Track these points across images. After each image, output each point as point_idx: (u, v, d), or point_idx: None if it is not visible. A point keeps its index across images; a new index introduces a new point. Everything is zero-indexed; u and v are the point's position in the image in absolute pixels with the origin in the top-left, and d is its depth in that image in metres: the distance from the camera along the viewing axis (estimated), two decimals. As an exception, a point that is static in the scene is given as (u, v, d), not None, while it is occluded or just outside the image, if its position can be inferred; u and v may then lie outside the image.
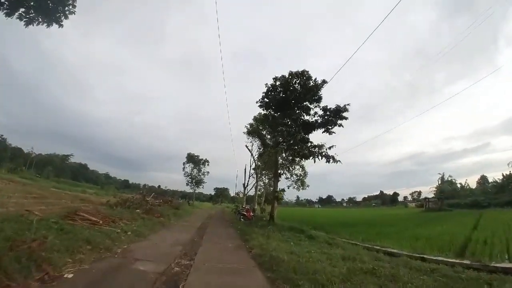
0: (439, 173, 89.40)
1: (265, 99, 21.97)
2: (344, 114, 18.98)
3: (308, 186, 30.05)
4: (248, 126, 30.93)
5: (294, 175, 29.06)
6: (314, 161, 19.00)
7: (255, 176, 37.29)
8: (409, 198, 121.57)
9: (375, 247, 11.91)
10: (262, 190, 36.08)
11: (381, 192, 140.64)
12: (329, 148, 18.75)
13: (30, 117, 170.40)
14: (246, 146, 32.28)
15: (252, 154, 32.64)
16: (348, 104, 19.05)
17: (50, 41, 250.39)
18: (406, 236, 16.52)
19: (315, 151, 18.86)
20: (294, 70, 20.28)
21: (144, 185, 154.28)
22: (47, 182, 58.98)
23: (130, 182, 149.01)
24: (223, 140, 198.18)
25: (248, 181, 38.09)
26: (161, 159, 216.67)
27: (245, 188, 38.54)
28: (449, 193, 69.45)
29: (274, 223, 18.39)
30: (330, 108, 19.31)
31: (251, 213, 23.11)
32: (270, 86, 21.52)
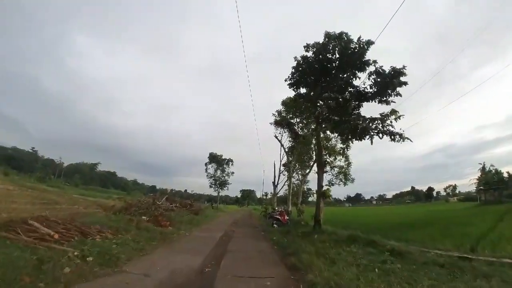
0: (480, 163, 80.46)
1: (296, 76, 16.99)
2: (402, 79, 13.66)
3: (353, 179, 24.66)
4: (276, 114, 25.81)
5: (335, 168, 23.71)
6: (371, 142, 13.61)
7: (286, 173, 32.07)
8: (442, 192, 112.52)
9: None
10: (296, 188, 30.76)
11: (413, 188, 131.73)
12: (396, 119, 13.31)
13: (62, 131, 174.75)
14: (276, 137, 27.01)
15: (282, 145, 27.27)
16: (404, 67, 13.67)
17: (77, 61, 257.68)
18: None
19: (376, 125, 13.45)
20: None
21: (171, 189, 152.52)
22: (75, 189, 57.32)
23: (158, 187, 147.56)
24: (248, 144, 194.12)
25: (278, 179, 32.73)
26: (188, 164, 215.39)
27: (275, 186, 32.92)
28: (495, 184, 61.41)
29: (322, 230, 13.10)
30: (385, 71, 13.94)
31: (286, 217, 17.95)
32: (300, 58, 16.40)
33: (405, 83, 13.68)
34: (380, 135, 13.29)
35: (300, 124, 25.30)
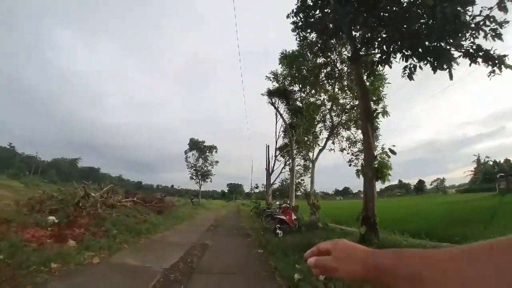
0: (474, 155, 78.70)
1: (304, 9, 10.30)
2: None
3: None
4: (271, 78, 18.62)
5: (356, 142, 16.81)
6: (451, 75, 7.03)
7: (281, 158, 25.02)
8: (428, 186, 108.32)
9: None
10: (301, 172, 23.74)
11: (400, 181, 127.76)
12: (502, 24, 6.69)
13: (43, 127, 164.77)
14: (272, 103, 19.67)
15: (280, 114, 19.74)
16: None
17: (60, 56, 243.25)
18: None
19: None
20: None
21: (158, 185, 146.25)
22: (50, 186, 49.79)
23: (143, 183, 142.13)
24: (235, 138, 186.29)
25: (273, 165, 25.60)
26: (174, 159, 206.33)
27: (269, 174, 25.60)
28: (494, 174, 55.95)
29: (381, 241, 6.11)
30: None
31: (293, 216, 10.92)
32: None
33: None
34: (471, 56, 6.66)
35: (302, 94, 18.41)
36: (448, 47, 7.27)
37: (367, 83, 10.53)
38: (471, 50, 7.17)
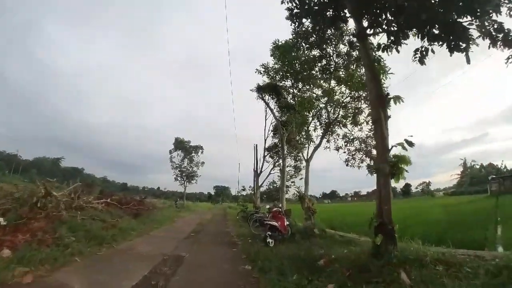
0: (461, 159, 78.54)
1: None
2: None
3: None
4: (262, 71, 17.19)
5: (354, 140, 15.52)
6: (468, 59, 5.89)
7: (270, 159, 23.73)
8: (413, 189, 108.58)
9: None
10: (292, 173, 22.37)
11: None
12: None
13: (27, 125, 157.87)
14: (261, 97, 18.25)
15: (270, 108, 18.26)
16: None
17: (44, 50, 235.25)
18: None
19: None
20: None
21: (144, 187, 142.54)
22: (26, 184, 47.69)
23: (129, 185, 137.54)
24: (223, 140, 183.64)
25: (262, 166, 24.03)
26: (162, 161, 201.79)
27: (257, 175, 24.13)
28: (482, 177, 59.96)
29: (402, 253, 4.75)
30: None
31: (286, 222, 9.54)
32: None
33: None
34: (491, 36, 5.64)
35: (294, 90, 17.15)
36: (467, 25, 6.12)
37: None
38: (491, 30, 6.06)
